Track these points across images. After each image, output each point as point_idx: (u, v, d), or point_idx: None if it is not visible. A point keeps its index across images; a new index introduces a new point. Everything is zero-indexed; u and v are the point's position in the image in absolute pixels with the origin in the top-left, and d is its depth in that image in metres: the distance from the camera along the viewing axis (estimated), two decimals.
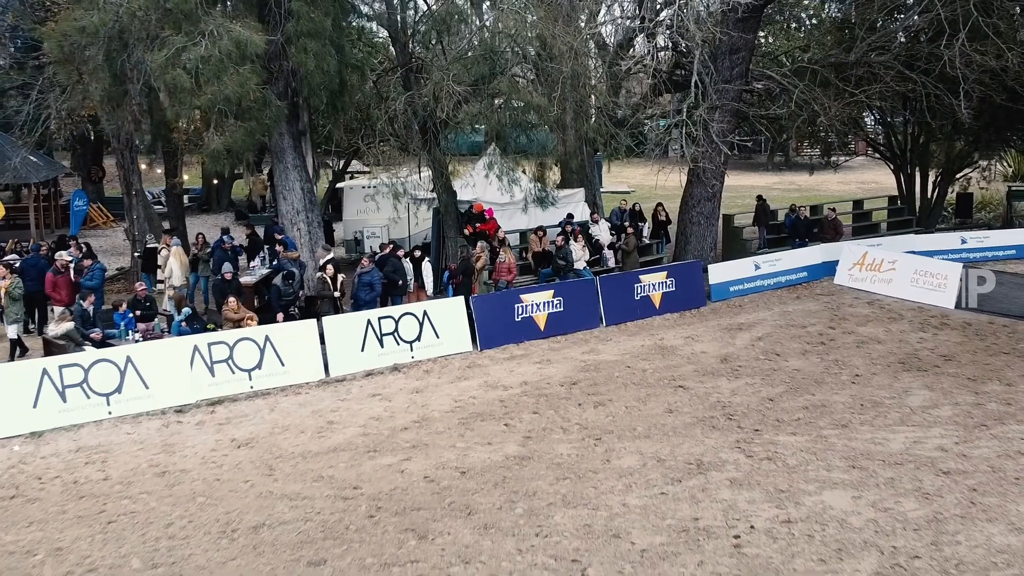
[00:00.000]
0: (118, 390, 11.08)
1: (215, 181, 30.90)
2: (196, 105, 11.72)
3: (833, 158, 27.51)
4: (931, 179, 24.34)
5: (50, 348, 12.03)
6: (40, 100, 18.18)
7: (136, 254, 18.89)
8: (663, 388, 12.34)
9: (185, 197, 27.04)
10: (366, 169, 28.18)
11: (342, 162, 26.46)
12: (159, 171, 27.99)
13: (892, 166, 24.88)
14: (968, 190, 26.10)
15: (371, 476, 9.50)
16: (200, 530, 8.32)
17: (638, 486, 9.08)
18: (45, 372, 10.67)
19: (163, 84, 11.65)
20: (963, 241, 21.29)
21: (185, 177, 25.21)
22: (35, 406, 10.59)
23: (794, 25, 27.11)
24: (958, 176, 24.49)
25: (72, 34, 11.54)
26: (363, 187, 23.39)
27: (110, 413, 11.02)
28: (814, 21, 26.16)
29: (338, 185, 26.65)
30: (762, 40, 26.48)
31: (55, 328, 12.10)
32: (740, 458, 9.75)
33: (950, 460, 9.55)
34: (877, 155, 26.54)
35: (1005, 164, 32.26)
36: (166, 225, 21.67)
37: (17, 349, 13.34)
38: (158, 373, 11.33)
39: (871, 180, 39.83)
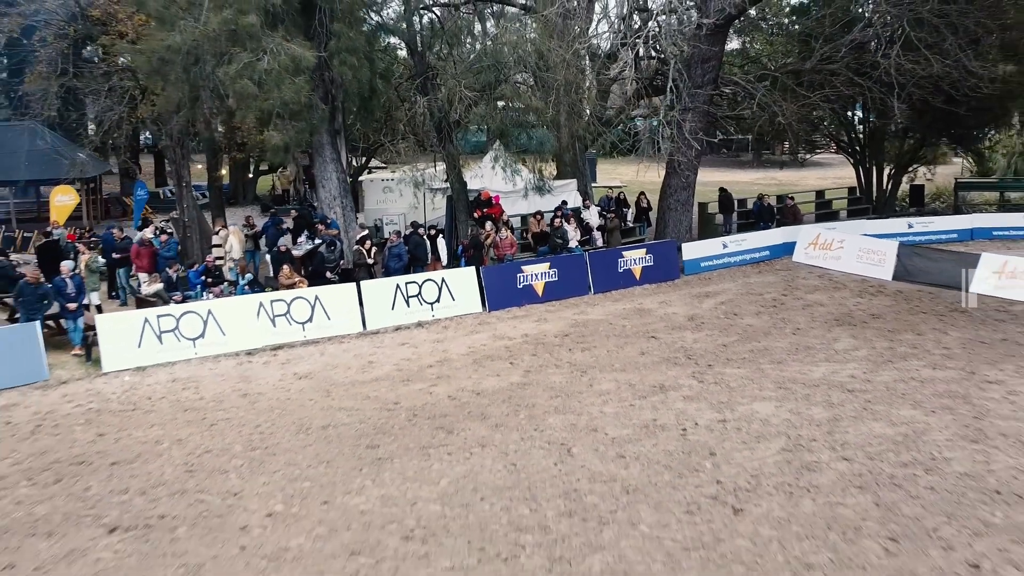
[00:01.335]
0: (202, 336, 13.56)
1: (250, 175, 33.33)
2: (260, 108, 14.15)
3: (800, 155, 29.87)
4: (886, 172, 26.76)
5: (142, 303, 14.49)
6: (106, 105, 20.62)
7: (187, 235, 21.33)
8: (638, 338, 14.78)
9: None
10: (383, 165, 30.66)
11: (363, 159, 28.85)
12: (199, 166, 30.39)
13: (852, 161, 27.31)
14: (920, 182, 28.52)
15: (406, 396, 11.96)
16: (281, 429, 10.78)
17: (612, 401, 11.53)
18: (146, 320, 13.16)
19: (233, 91, 14.07)
20: (910, 226, 23.70)
21: (221, 172, 27.62)
22: (139, 346, 13.07)
23: (776, 32, 29.47)
24: (909, 170, 26.91)
25: (159, 51, 13.94)
26: (381, 180, 25.89)
27: (196, 354, 13.50)
28: (791, 29, 28.55)
29: (359, 179, 29.06)
30: (747, 45, 28.93)
31: (148, 288, 14.58)
32: (693, 383, 12.20)
33: (856, 383, 11.99)
34: (838, 151, 28.93)
35: (970, 161, 34.77)
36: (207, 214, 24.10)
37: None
38: (232, 323, 13.80)
39: (847, 176, 42.33)
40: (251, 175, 33.66)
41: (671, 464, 9.36)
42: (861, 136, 26.71)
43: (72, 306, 13.20)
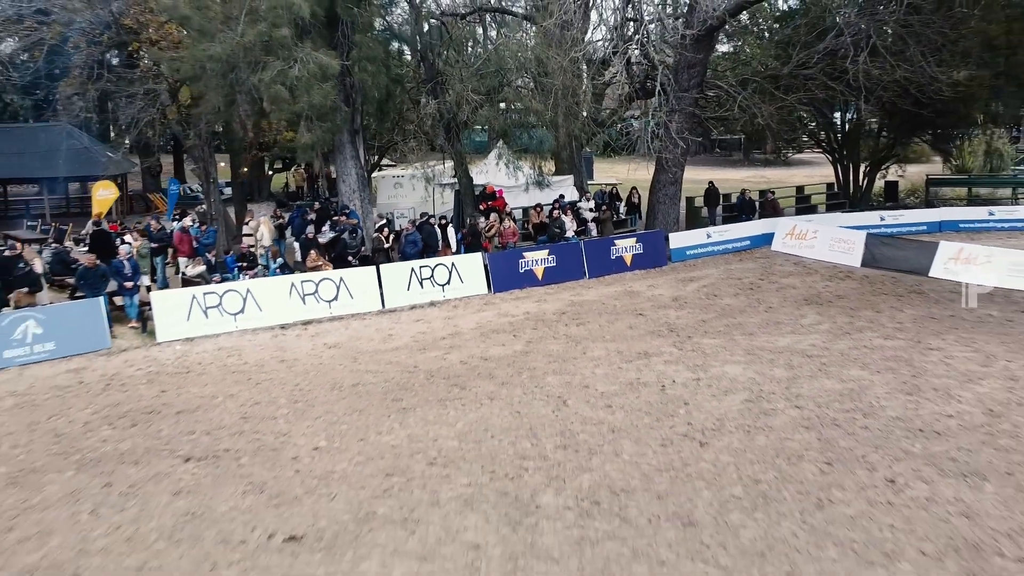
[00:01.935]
0: (241, 311, 15.14)
1: (269, 172, 34.97)
2: (292, 111, 15.71)
3: (782, 154, 31.44)
4: (862, 170, 28.34)
5: (187, 283, 16.07)
6: (140, 107, 22.15)
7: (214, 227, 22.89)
8: (627, 315, 16.36)
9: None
10: (392, 164, 32.23)
11: (375, 157, 30.41)
12: (222, 165, 31.93)
13: (830, 159, 28.89)
14: (893, 178, 30.10)
15: (423, 361, 13.53)
16: (317, 387, 12.36)
17: (602, 365, 13.10)
18: (194, 297, 14.74)
19: (268, 96, 15.63)
20: (882, 219, 25.30)
21: (243, 170, 29.16)
22: (188, 320, 14.65)
23: (761, 38, 31.01)
24: (883, 167, 28.50)
25: (202, 60, 15.49)
26: (393, 177, 27.46)
27: (236, 327, 15.08)
28: (774, 36, 30.09)
29: (372, 176, 30.66)
30: (738, 49, 30.42)
31: (191, 270, 16.17)
32: (673, 350, 13.77)
33: (815, 351, 13.56)
34: (819, 150, 30.51)
35: (953, 160, 36.31)
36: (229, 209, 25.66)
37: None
38: (268, 301, 15.38)
39: (832, 174, 43.92)
40: (270, 172, 35.24)
41: (650, 411, 10.94)
42: (839, 136, 28.28)
43: (129, 284, 14.79)
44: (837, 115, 26.95)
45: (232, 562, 7.42)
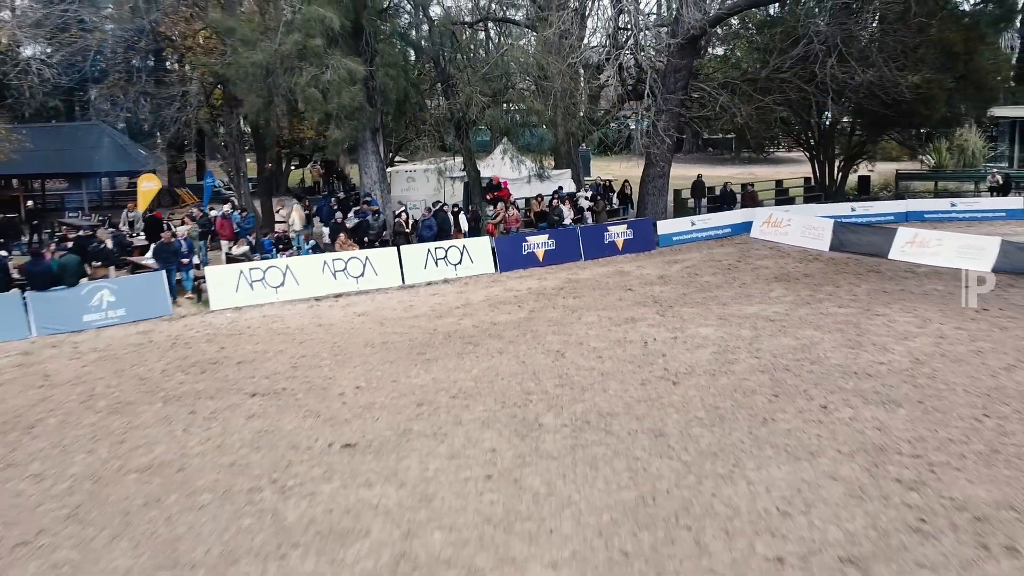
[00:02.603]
0: (282, 284, 17.09)
1: (293, 165, 37.04)
2: (324, 111, 17.63)
3: (765, 151, 33.35)
4: (836, 165, 30.26)
5: (232, 261, 18.03)
6: (178, 107, 24.09)
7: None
8: (617, 289, 18.29)
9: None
10: (404, 160, 34.18)
11: (389, 154, 32.35)
12: (248, 161, 33.86)
13: (808, 155, 30.81)
14: (865, 173, 32.04)
15: (441, 325, 15.47)
16: (352, 344, 14.29)
17: (595, 328, 15.03)
18: (241, 272, 16.69)
19: (303, 98, 17.54)
20: (852, 209, 27.20)
21: (268, 165, 31.08)
22: (236, 291, 16.60)
23: (745, 43, 32.92)
24: (855, 163, 30.43)
25: (246, 66, 17.41)
26: (406, 171, 29.38)
27: (277, 298, 17.02)
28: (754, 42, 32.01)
29: (387, 170, 32.62)
30: (728, 53, 32.34)
31: (237, 250, 18.13)
32: (656, 316, 15.71)
33: (778, 316, 15.47)
34: (799, 147, 32.43)
35: (929, 156, 38.22)
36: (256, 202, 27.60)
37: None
38: (304, 276, 17.32)
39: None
40: (293, 167, 37.27)
41: (633, 361, 12.88)
42: (815, 134, 30.20)
43: (186, 261, 16.74)
44: (815, 115, 28.82)
45: (303, 461, 9.37)
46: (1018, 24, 38.77)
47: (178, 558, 7.32)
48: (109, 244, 16.92)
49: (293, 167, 38.10)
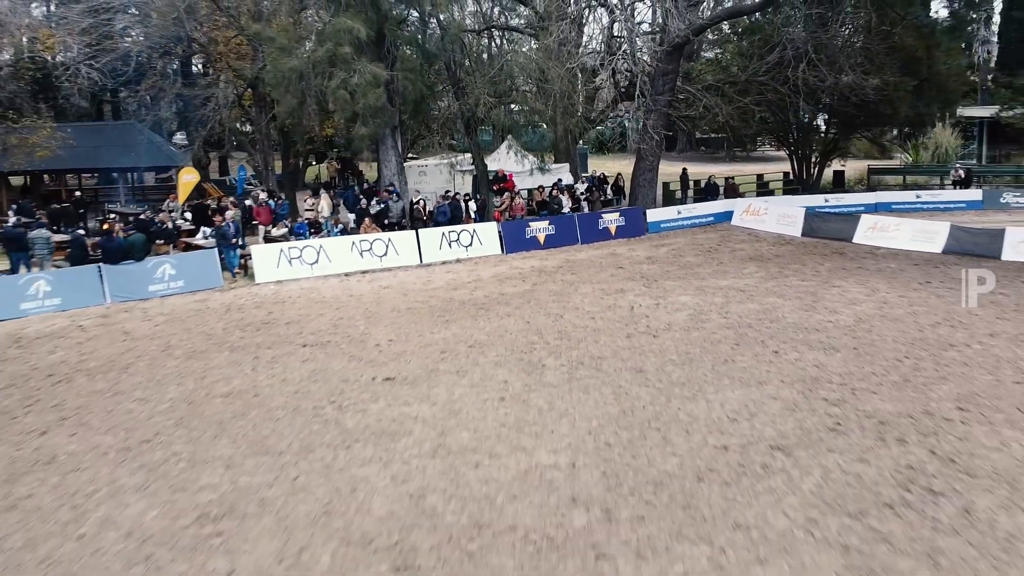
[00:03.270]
0: (316, 262, 19.20)
1: (311, 161, 39.11)
2: (352, 111, 19.73)
3: (746, 149, 35.46)
4: (813, 161, 32.38)
5: (270, 241, 20.15)
6: (212, 107, 26.20)
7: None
8: (610, 268, 20.38)
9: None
10: (416, 156, 36.31)
11: (407, 150, 34.46)
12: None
13: (787, 152, 32.92)
14: (839, 168, 34.17)
15: (456, 296, 17.57)
16: (381, 309, 16.39)
17: (589, 297, 17.13)
18: (281, 250, 18.82)
19: (333, 99, 19.64)
20: (826, 200, 29.28)
21: (292, 160, 33.19)
22: (277, 267, 18.72)
23: (730, 48, 35.04)
24: (830, 159, 32.55)
25: (283, 71, 19.51)
26: (418, 166, 31.52)
27: (312, 274, 19.13)
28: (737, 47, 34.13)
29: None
30: (719, 56, 34.44)
31: (276, 231, 20.26)
32: (643, 288, 17.82)
33: (748, 288, 17.58)
34: (779, 145, 34.55)
35: (907, 154, 40.31)
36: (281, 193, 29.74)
37: None
38: (336, 254, 19.43)
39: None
40: (311, 163, 39.38)
41: (621, 321, 14.98)
42: (794, 133, 32.32)
43: (233, 241, 18.88)
44: (792, 115, 30.91)
45: (353, 389, 11.48)
46: (995, 30, 40.93)
47: (268, 448, 9.44)
48: (170, 225, 19.03)
49: (311, 163, 40.17)
